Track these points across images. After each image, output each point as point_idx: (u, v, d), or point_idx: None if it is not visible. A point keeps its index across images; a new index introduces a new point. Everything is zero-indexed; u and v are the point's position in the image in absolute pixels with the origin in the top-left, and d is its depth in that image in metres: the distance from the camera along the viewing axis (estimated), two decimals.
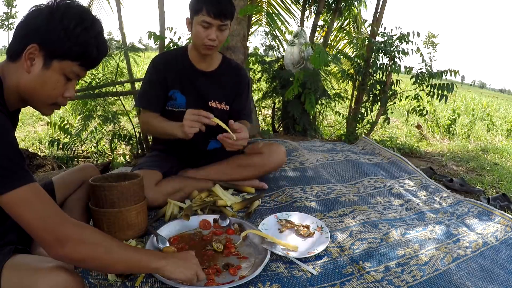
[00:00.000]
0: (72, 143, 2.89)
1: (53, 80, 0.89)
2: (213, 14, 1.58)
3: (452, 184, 2.49)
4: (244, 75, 1.94)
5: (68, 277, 0.84)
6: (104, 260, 0.87)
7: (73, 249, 0.82)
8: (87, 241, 0.84)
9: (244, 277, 1.17)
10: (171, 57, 1.81)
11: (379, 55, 3.43)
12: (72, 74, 0.91)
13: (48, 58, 0.87)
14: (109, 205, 1.31)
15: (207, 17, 1.59)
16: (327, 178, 2.19)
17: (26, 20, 0.88)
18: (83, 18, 0.88)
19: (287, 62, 3.53)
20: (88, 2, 3.77)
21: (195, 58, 1.78)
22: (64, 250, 0.81)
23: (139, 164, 1.81)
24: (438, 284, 1.28)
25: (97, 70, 2.85)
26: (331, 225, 1.64)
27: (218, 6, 1.59)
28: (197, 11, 1.60)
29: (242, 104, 1.92)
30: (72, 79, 0.93)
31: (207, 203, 1.68)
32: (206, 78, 1.80)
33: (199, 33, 1.62)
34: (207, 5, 1.58)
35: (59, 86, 0.91)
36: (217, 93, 1.84)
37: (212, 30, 1.61)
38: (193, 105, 1.76)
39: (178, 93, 1.77)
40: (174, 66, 1.76)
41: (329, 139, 3.73)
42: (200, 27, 1.61)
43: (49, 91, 0.90)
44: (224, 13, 1.60)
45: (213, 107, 1.83)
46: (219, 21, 1.60)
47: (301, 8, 4.06)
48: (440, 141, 4.94)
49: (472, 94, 14.89)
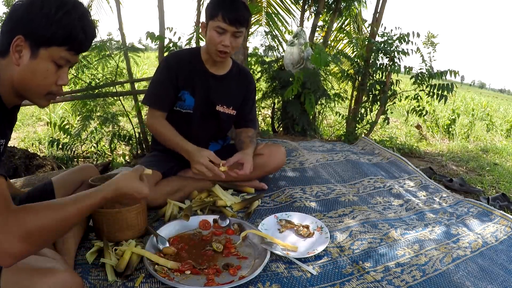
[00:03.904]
0: (72, 143, 2.89)
1: (43, 69, 0.88)
2: (229, 20, 1.56)
3: (452, 184, 2.49)
4: (252, 80, 1.93)
5: (67, 277, 0.84)
6: (55, 225, 0.82)
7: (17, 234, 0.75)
8: (29, 221, 0.78)
9: (244, 277, 1.17)
10: (184, 57, 1.77)
11: (379, 55, 3.43)
12: (62, 60, 0.90)
13: (34, 48, 0.86)
14: (109, 205, 1.31)
15: (222, 23, 1.57)
16: (327, 178, 2.19)
17: (10, 14, 0.88)
18: (63, 2, 0.87)
19: (286, 62, 3.53)
20: (88, 2, 3.77)
21: (208, 60, 1.76)
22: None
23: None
24: (437, 284, 1.28)
25: (97, 70, 2.85)
26: (331, 225, 1.64)
27: (234, 12, 1.57)
28: (213, 16, 1.59)
29: (248, 109, 1.92)
30: (63, 65, 0.91)
31: (206, 203, 1.68)
32: (216, 82, 1.79)
33: (213, 38, 1.61)
34: (223, 11, 1.56)
35: (50, 74, 0.90)
36: (226, 97, 1.83)
37: (226, 36, 1.60)
38: (201, 108, 1.78)
39: (187, 95, 1.76)
40: (186, 66, 1.74)
41: (328, 139, 3.73)
42: (214, 32, 1.60)
43: (41, 81, 0.89)
44: (240, 20, 1.58)
45: (220, 111, 1.83)
46: (234, 28, 1.59)
47: (301, 8, 4.06)
48: (440, 141, 4.94)
49: (472, 94, 14.89)
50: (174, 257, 1.27)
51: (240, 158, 1.66)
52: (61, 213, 0.82)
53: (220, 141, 2.01)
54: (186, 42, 2.86)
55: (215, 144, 1.99)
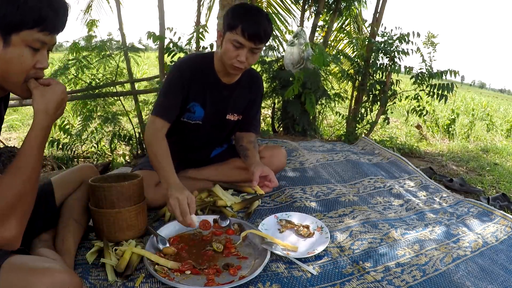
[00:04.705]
0: (72, 143, 2.89)
1: (17, 55, 0.86)
2: (248, 36, 1.44)
3: (452, 184, 2.49)
4: (261, 84, 1.86)
5: (66, 277, 0.84)
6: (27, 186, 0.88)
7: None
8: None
9: (244, 277, 1.17)
10: (198, 66, 1.63)
11: (379, 55, 3.43)
12: (37, 43, 0.87)
13: (6, 36, 0.84)
14: (109, 205, 1.31)
15: (240, 38, 1.44)
16: (327, 178, 2.19)
17: None
18: None
19: (287, 62, 3.52)
20: (88, 2, 3.77)
21: (220, 70, 1.64)
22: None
23: (139, 165, 1.81)
24: (438, 284, 1.28)
25: (98, 71, 2.85)
26: (331, 225, 1.64)
27: (255, 27, 1.44)
28: (232, 28, 1.46)
29: (253, 113, 1.86)
30: (40, 48, 0.88)
31: (207, 203, 1.68)
32: (228, 91, 1.70)
33: (229, 52, 1.49)
34: (244, 25, 1.43)
35: (26, 59, 0.87)
36: (235, 105, 1.76)
37: (243, 51, 1.47)
38: (210, 119, 1.72)
39: (198, 106, 1.68)
40: (200, 78, 1.62)
41: (329, 139, 3.73)
42: (231, 45, 1.47)
43: (17, 67, 0.87)
44: (260, 36, 1.46)
45: (230, 120, 1.79)
46: (253, 43, 1.46)
47: (301, 8, 4.06)
48: (440, 141, 4.94)
49: (472, 94, 14.88)
50: (174, 257, 1.27)
51: (261, 172, 1.59)
52: (23, 171, 0.87)
53: (224, 145, 2.00)
54: (186, 42, 2.86)
55: (219, 147, 1.99)
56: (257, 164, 1.65)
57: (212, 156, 1.95)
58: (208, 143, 1.88)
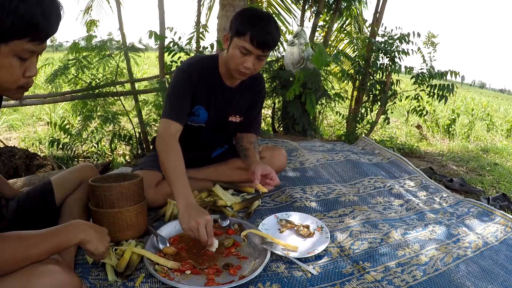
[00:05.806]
0: (72, 143, 2.89)
1: (6, 65, 0.81)
2: (257, 44, 1.42)
3: (452, 184, 2.49)
4: (263, 85, 1.85)
5: (65, 277, 0.83)
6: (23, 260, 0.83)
7: None
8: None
9: (244, 277, 1.17)
10: (204, 69, 1.62)
11: (379, 55, 3.43)
12: (26, 53, 0.82)
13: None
14: (109, 205, 1.31)
15: (248, 45, 1.43)
16: (327, 178, 2.19)
17: None
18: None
19: (287, 62, 3.53)
20: (88, 2, 3.77)
21: (225, 73, 1.64)
22: None
23: (139, 164, 1.80)
24: (438, 284, 1.28)
25: (97, 70, 2.85)
26: (331, 225, 1.64)
27: (264, 35, 1.42)
28: (240, 34, 1.44)
29: (255, 114, 1.87)
30: (28, 58, 0.84)
31: (207, 203, 1.68)
32: (231, 94, 1.71)
33: (236, 58, 1.47)
34: (252, 32, 1.41)
35: (15, 69, 0.83)
36: (238, 107, 1.77)
37: (250, 58, 1.46)
38: (214, 121, 1.73)
39: (202, 109, 1.68)
40: (205, 81, 1.62)
41: (329, 139, 3.73)
42: (238, 51, 1.46)
43: (6, 77, 0.83)
44: (269, 44, 1.45)
45: (232, 121, 1.80)
46: (261, 51, 1.45)
47: (301, 8, 4.06)
48: (440, 141, 4.94)
49: (472, 94, 14.89)
50: (174, 257, 1.27)
51: (262, 170, 1.60)
52: (28, 250, 0.83)
53: (225, 145, 2.00)
54: (187, 41, 2.86)
55: (220, 148, 1.99)
56: (258, 163, 1.66)
57: (213, 157, 1.95)
58: (210, 144, 1.88)
